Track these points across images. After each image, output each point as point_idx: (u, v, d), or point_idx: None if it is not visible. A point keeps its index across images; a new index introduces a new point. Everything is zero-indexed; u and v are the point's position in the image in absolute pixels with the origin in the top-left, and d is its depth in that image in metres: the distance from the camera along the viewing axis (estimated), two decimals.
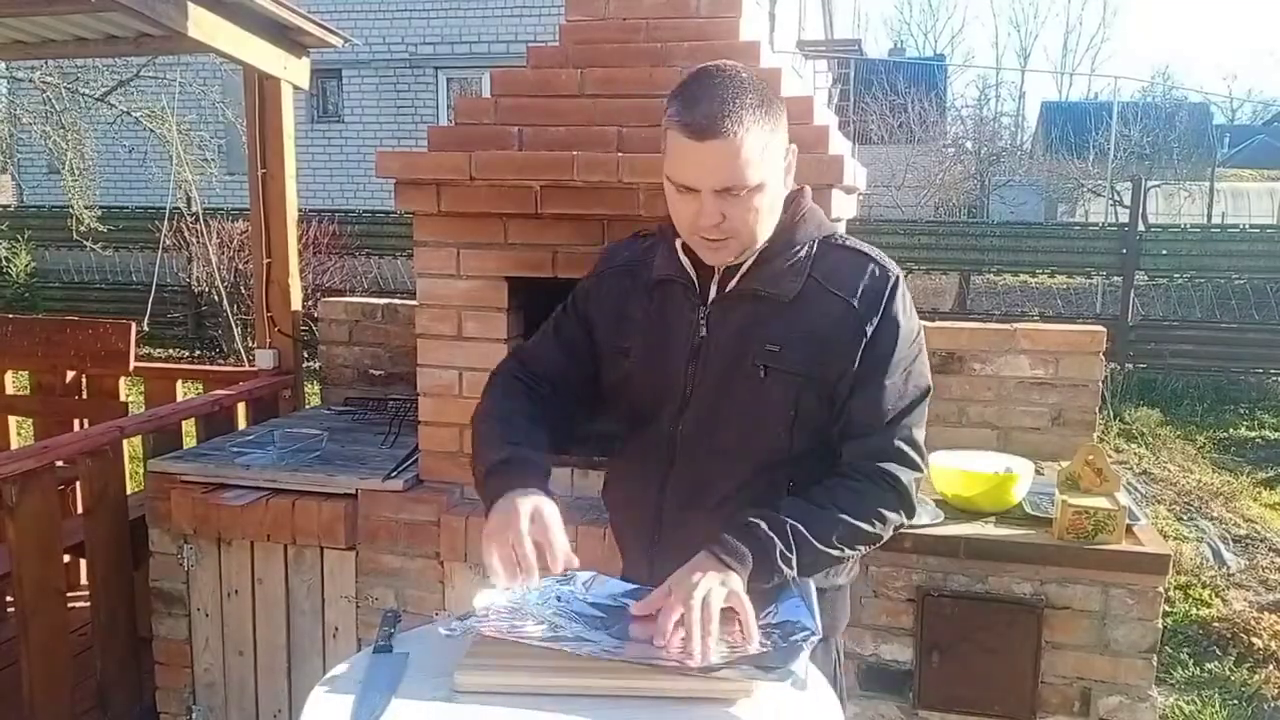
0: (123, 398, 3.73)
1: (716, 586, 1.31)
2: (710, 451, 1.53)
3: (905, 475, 1.49)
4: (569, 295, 1.71)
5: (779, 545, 1.39)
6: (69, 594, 2.87)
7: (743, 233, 1.43)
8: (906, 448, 1.49)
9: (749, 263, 1.50)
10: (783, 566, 1.39)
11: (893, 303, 1.48)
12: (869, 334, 1.46)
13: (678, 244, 1.53)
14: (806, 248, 1.51)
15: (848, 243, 1.54)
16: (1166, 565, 2.25)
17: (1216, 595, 4.28)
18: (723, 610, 1.31)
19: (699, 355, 1.52)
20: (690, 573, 1.34)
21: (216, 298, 8.32)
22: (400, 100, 14.58)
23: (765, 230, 1.47)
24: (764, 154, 1.39)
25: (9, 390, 4.01)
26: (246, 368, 4.62)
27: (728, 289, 1.51)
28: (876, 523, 1.47)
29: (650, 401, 1.57)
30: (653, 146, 2.28)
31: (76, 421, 3.71)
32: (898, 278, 1.50)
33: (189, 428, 3.31)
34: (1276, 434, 7.38)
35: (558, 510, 1.41)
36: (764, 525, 1.40)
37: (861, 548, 1.50)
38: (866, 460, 1.48)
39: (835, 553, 1.45)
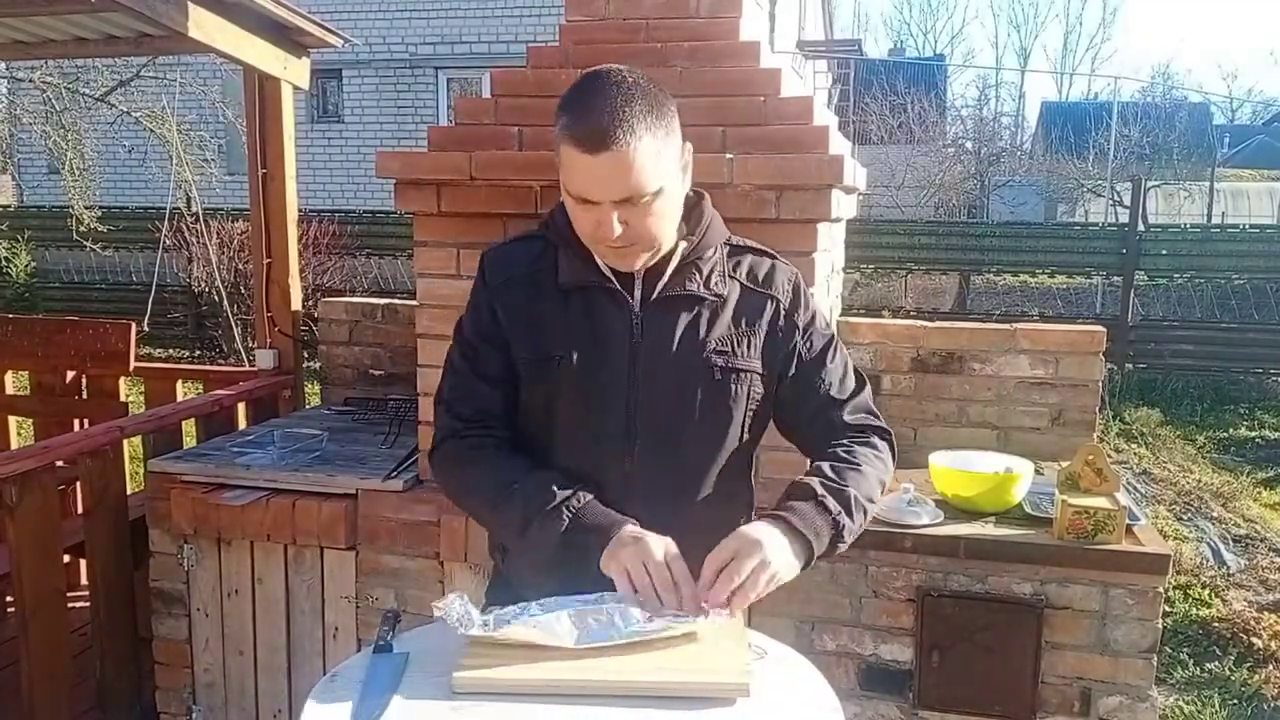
0: (123, 398, 3.73)
1: (782, 570, 1.38)
2: (675, 460, 1.52)
3: (884, 421, 1.65)
4: (462, 328, 1.61)
5: (848, 525, 1.46)
6: (69, 594, 2.87)
7: (645, 238, 1.43)
8: (873, 402, 1.66)
9: (673, 265, 1.51)
10: (847, 540, 1.47)
11: (808, 293, 1.63)
12: (800, 324, 1.59)
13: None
14: (719, 250, 1.56)
15: (748, 244, 1.62)
16: (1166, 565, 2.25)
17: (1216, 595, 4.27)
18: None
19: (638, 359, 1.50)
20: (763, 543, 1.37)
21: (216, 298, 8.31)
22: (400, 100, 14.58)
23: (668, 231, 1.47)
24: (658, 159, 1.38)
25: (9, 390, 4.01)
26: (246, 368, 4.62)
27: (657, 292, 1.51)
28: (889, 475, 1.58)
29: (587, 409, 1.51)
30: None
31: (76, 421, 3.71)
32: (798, 270, 1.65)
33: (189, 428, 3.31)
34: (1276, 434, 7.38)
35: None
36: (832, 499, 1.45)
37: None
38: (864, 417, 1.61)
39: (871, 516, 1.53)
